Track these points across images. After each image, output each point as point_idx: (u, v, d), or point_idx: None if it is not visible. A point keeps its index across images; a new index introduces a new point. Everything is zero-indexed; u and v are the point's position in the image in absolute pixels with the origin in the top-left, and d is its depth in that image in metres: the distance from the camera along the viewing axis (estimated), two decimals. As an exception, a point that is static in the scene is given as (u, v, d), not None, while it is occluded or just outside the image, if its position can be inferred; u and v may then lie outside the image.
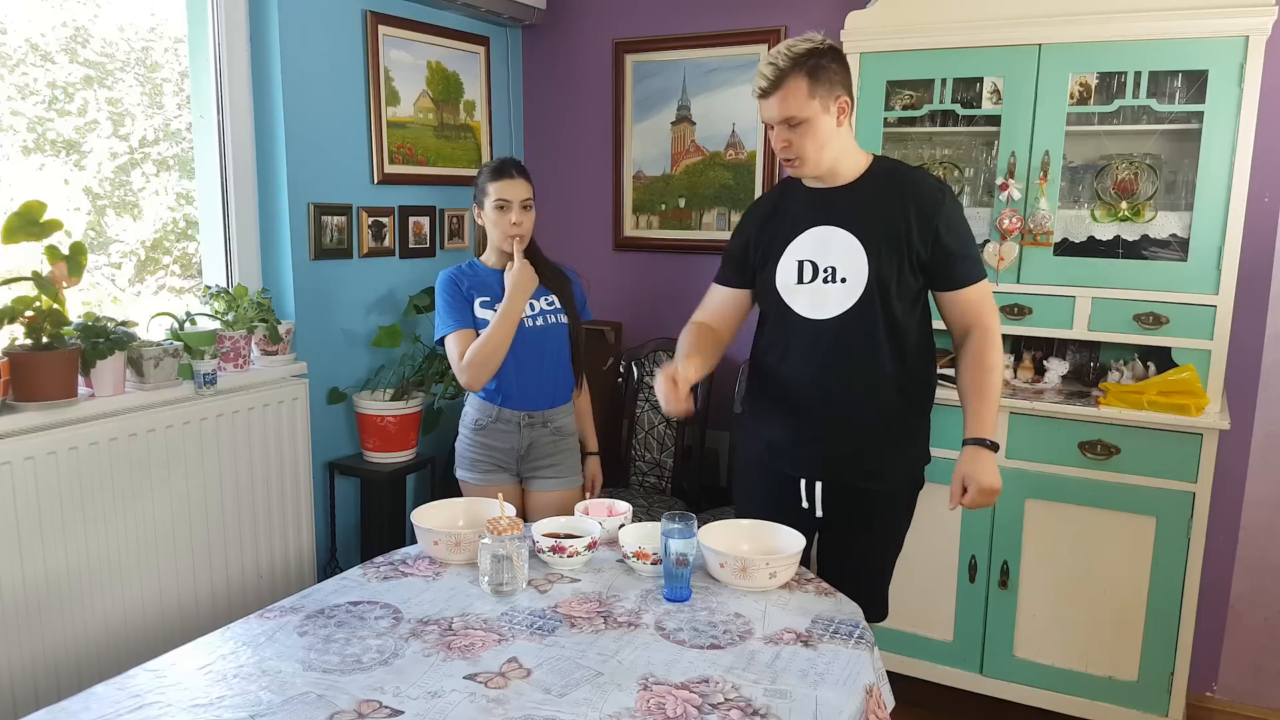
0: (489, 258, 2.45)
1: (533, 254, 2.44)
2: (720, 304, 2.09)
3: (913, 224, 1.85)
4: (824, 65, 1.82)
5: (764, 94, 1.84)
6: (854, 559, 2.05)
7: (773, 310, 1.99)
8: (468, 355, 2.31)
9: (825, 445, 1.97)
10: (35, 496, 2.10)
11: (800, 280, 1.92)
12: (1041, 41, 2.46)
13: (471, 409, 2.47)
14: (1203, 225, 2.36)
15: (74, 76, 2.50)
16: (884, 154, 2.72)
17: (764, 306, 2.03)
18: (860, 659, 1.52)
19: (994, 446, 1.86)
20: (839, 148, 1.88)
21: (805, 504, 1.98)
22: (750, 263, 2.03)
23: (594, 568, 1.86)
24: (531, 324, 2.38)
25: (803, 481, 1.99)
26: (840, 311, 1.89)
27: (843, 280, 1.88)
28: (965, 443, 1.87)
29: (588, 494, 2.50)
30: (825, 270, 1.90)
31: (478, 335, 2.34)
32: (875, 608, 2.02)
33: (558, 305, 2.43)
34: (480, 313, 2.37)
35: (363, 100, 3.02)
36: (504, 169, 2.36)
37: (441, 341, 2.40)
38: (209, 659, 1.48)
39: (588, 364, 2.56)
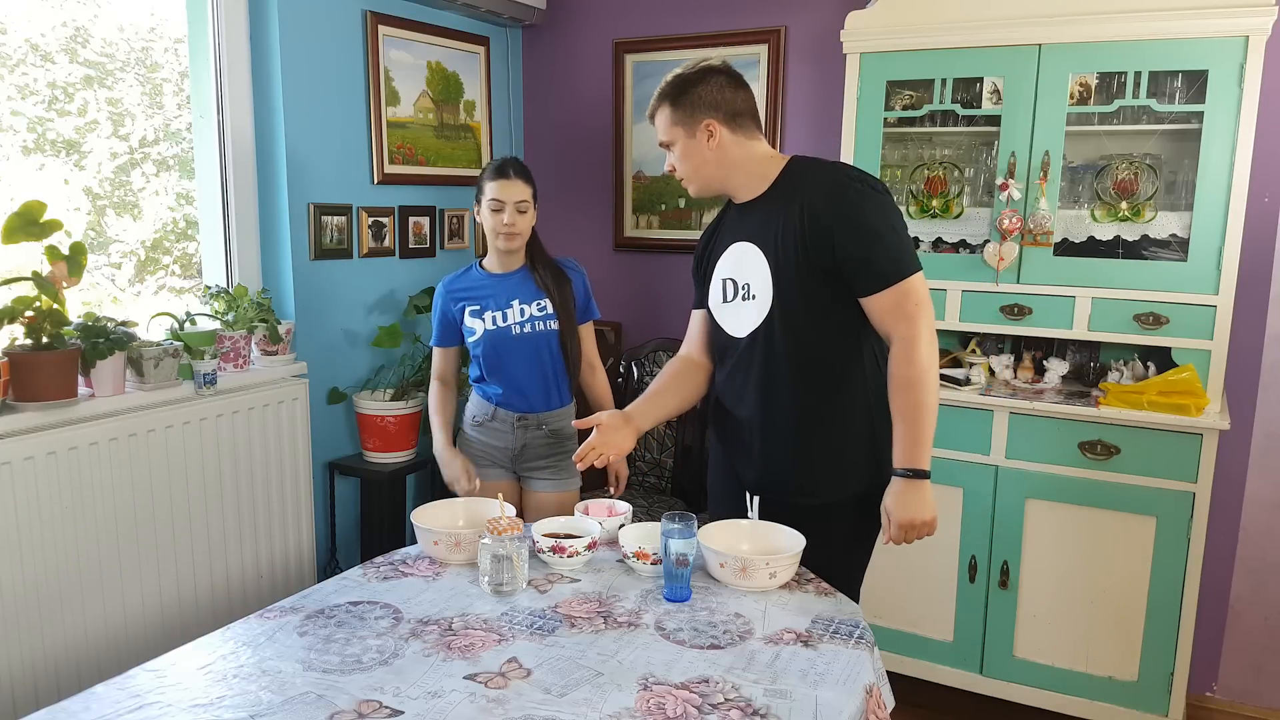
0: (490, 261, 2.48)
1: (535, 253, 2.46)
2: (699, 328, 2.07)
3: (806, 228, 1.75)
4: (690, 91, 1.83)
5: (651, 120, 1.93)
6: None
7: (712, 331, 2.00)
8: (430, 398, 2.54)
9: (756, 460, 1.93)
10: (35, 496, 2.10)
11: (725, 299, 1.92)
12: (1041, 41, 2.46)
13: (471, 405, 2.53)
14: (1203, 225, 2.36)
15: (74, 76, 2.50)
16: (887, 153, 2.75)
17: (710, 328, 2.03)
18: (860, 659, 1.52)
19: (922, 475, 1.72)
20: (728, 166, 1.86)
21: (749, 514, 1.90)
22: (701, 280, 2.03)
23: (594, 568, 1.86)
24: (519, 330, 2.41)
25: (746, 493, 1.92)
26: (753, 328, 1.86)
27: (754, 296, 1.85)
28: (891, 473, 1.76)
29: (612, 490, 2.45)
30: (743, 287, 1.88)
31: (464, 347, 2.51)
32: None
33: (549, 310, 2.43)
34: (469, 321, 2.45)
35: (363, 100, 3.02)
36: (502, 169, 2.37)
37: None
38: (209, 659, 1.48)
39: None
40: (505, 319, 2.42)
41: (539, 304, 2.43)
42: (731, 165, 1.87)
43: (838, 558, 1.91)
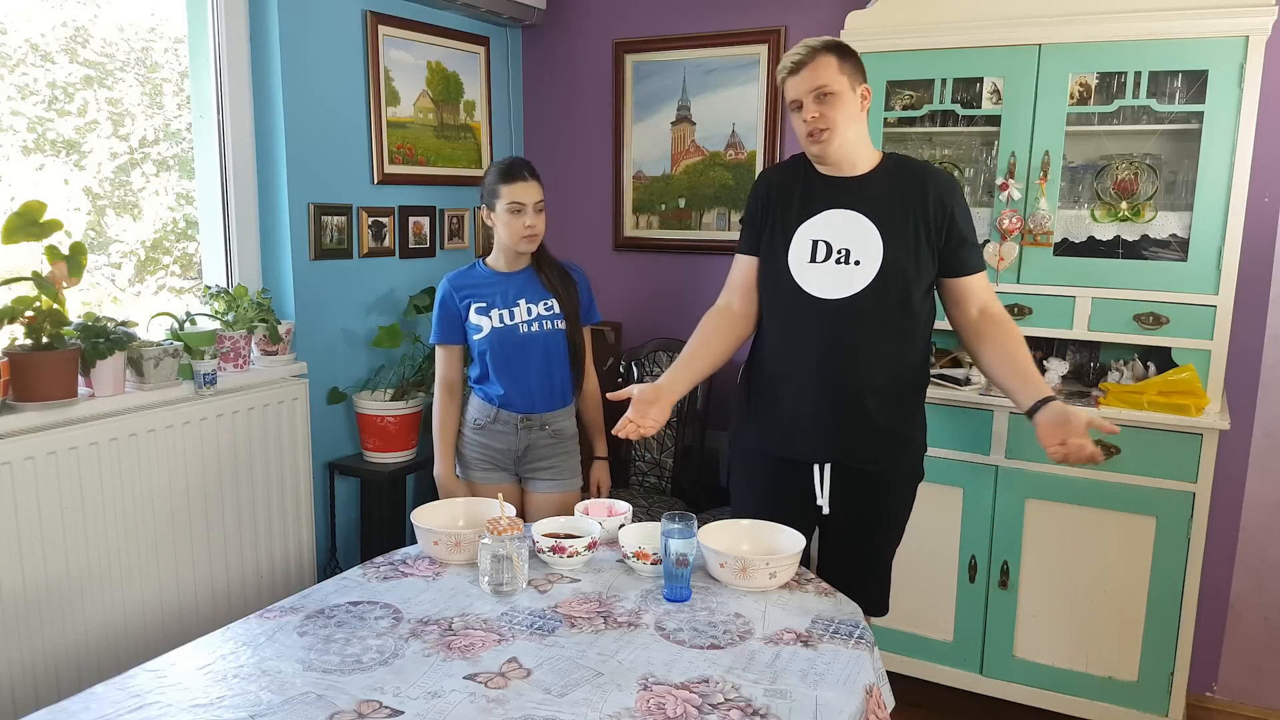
0: (495, 260, 2.47)
1: (540, 254, 2.46)
2: (743, 275, 2.08)
3: (930, 209, 1.92)
4: (850, 53, 1.92)
5: (794, 69, 1.90)
6: (859, 549, 2.05)
7: (780, 290, 1.99)
8: (434, 412, 2.51)
9: (834, 424, 1.97)
10: (35, 496, 2.10)
11: (814, 259, 1.95)
12: (1041, 41, 2.46)
13: (472, 408, 2.50)
14: (1203, 225, 2.36)
15: (74, 76, 2.50)
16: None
17: (769, 287, 2.02)
18: (860, 659, 1.52)
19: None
20: (860, 134, 1.96)
21: (817, 491, 2.00)
22: (763, 234, 2.03)
23: (594, 568, 1.86)
24: (526, 329, 2.40)
25: (815, 468, 2.00)
26: (853, 292, 1.92)
27: (856, 262, 1.92)
28: (1041, 404, 1.80)
29: (593, 497, 2.51)
30: (839, 251, 1.94)
31: (465, 347, 2.49)
32: (878, 602, 2.04)
33: (556, 310, 2.43)
34: (474, 318, 2.43)
35: (363, 100, 3.02)
36: (516, 171, 2.35)
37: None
38: (209, 659, 1.48)
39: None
40: (512, 317, 2.40)
41: (546, 304, 2.42)
42: (861, 134, 1.97)
43: (895, 535, 2.09)
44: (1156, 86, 2.46)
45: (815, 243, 1.95)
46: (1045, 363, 2.67)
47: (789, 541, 1.83)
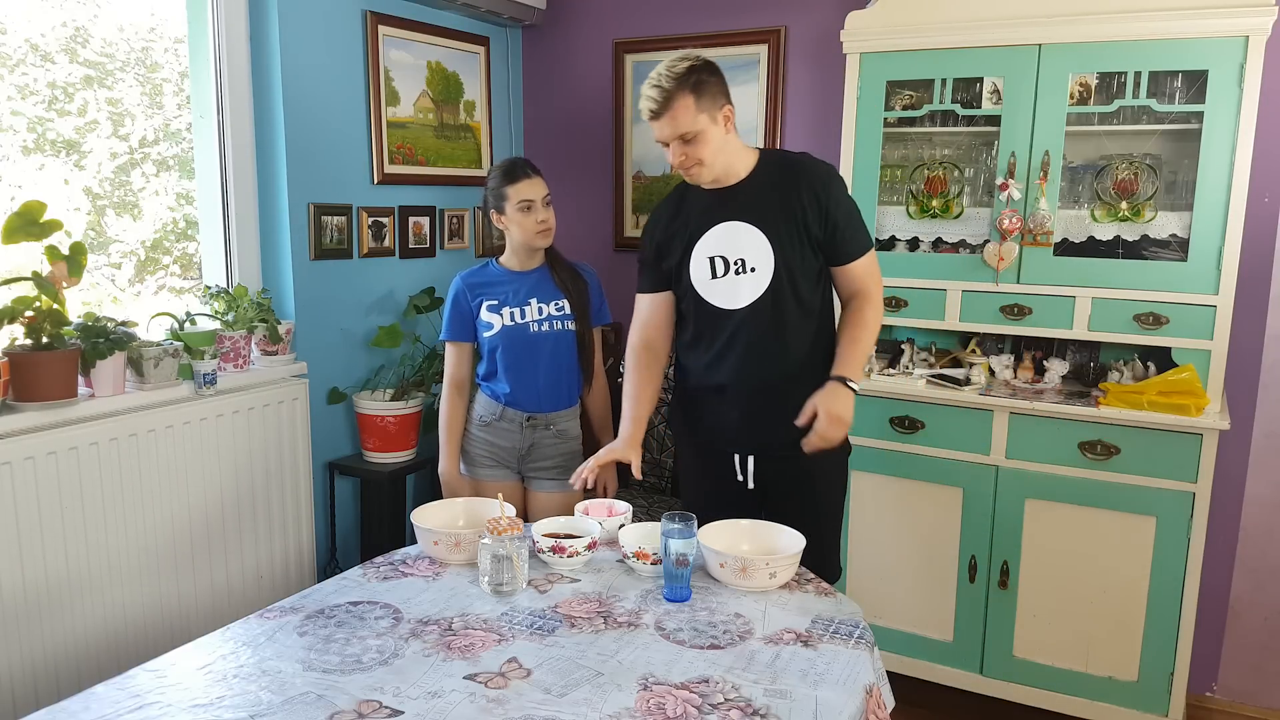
0: (509, 259, 2.48)
1: (552, 254, 2.48)
2: (651, 311, 2.20)
3: (805, 204, 1.99)
4: (705, 80, 1.95)
5: (654, 115, 1.97)
6: (794, 526, 2.02)
7: (691, 306, 2.11)
8: (441, 409, 2.50)
9: (753, 423, 2.08)
10: (35, 496, 2.10)
11: (714, 275, 2.06)
12: (1041, 41, 2.46)
13: (478, 405, 2.52)
14: (1203, 225, 2.36)
15: (74, 76, 2.50)
16: (887, 153, 2.75)
17: (683, 304, 2.15)
18: (860, 659, 1.52)
19: (852, 389, 1.97)
20: (730, 151, 2.02)
21: (740, 477, 2.11)
22: (663, 265, 2.14)
23: (594, 568, 1.86)
24: (537, 328, 2.42)
25: (736, 456, 2.11)
26: (754, 299, 2.02)
27: (752, 270, 2.02)
28: (829, 379, 1.97)
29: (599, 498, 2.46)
30: (735, 262, 2.03)
31: (475, 345, 2.50)
32: (826, 569, 2.08)
33: (567, 310, 2.44)
34: (485, 315, 2.44)
35: (363, 100, 3.02)
36: (519, 169, 2.38)
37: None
38: (209, 659, 1.48)
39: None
40: (524, 315, 2.42)
41: (557, 304, 2.44)
42: (733, 150, 2.03)
43: (829, 510, 2.16)
44: (1156, 86, 2.46)
45: (712, 259, 2.05)
46: (1045, 363, 2.67)
47: (789, 541, 1.83)
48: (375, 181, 3.08)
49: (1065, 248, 2.60)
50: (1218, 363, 2.37)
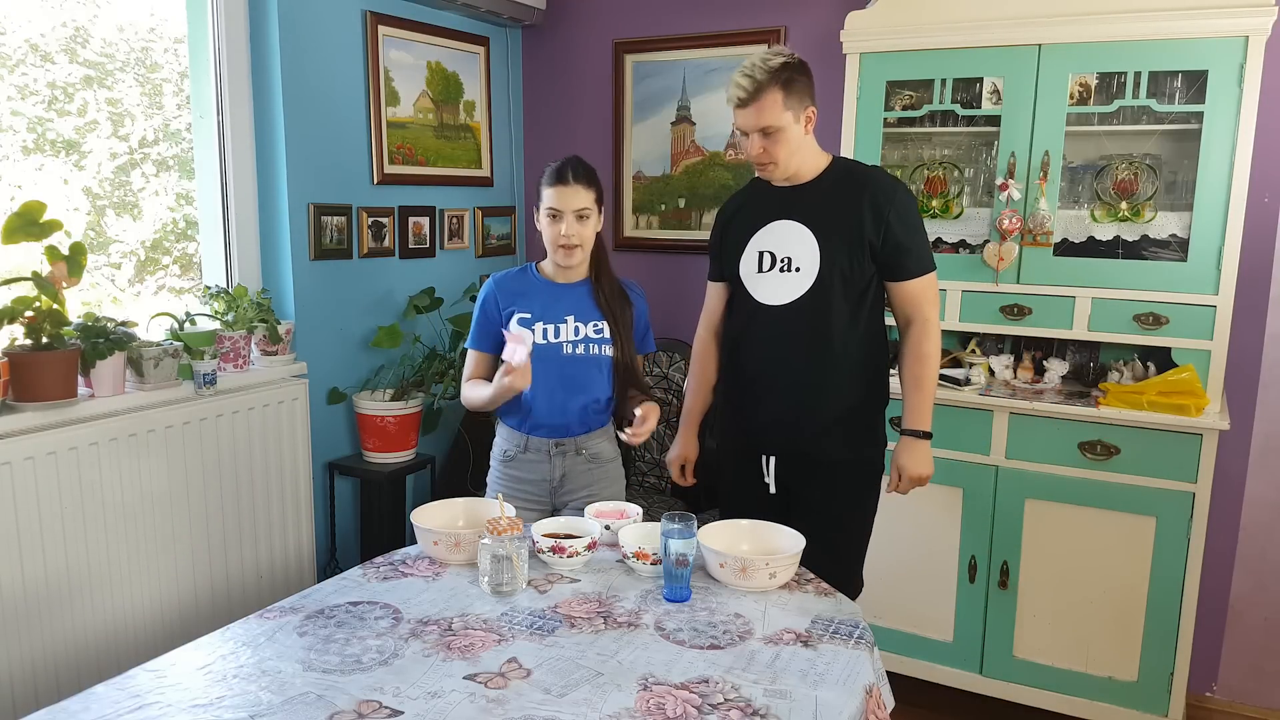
0: (548, 266, 2.22)
1: (600, 266, 2.22)
2: (717, 300, 2.28)
3: (865, 215, 2.01)
4: (796, 79, 1.98)
5: (742, 104, 1.99)
6: (815, 537, 1.99)
7: (739, 298, 2.15)
8: (465, 390, 2.23)
9: (781, 420, 2.11)
10: (35, 496, 2.10)
11: (760, 269, 2.10)
12: (1041, 42, 2.46)
13: (500, 439, 2.26)
14: (1203, 225, 2.36)
15: (74, 77, 2.50)
16: (887, 153, 2.75)
17: (733, 299, 2.19)
18: (860, 659, 1.52)
19: (927, 436, 2.07)
20: (805, 151, 2.06)
21: (766, 478, 2.14)
22: (723, 256, 2.20)
23: (594, 568, 1.86)
24: (571, 351, 2.14)
25: (762, 457, 2.14)
26: (794, 298, 2.05)
27: (797, 269, 2.05)
28: (901, 433, 2.09)
29: (628, 433, 2.13)
30: (782, 260, 2.07)
31: (498, 357, 2.18)
32: (847, 587, 2.02)
33: (605, 334, 2.15)
34: (515, 329, 2.14)
35: (363, 100, 3.02)
36: (560, 174, 2.13)
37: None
38: (209, 659, 1.48)
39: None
40: (558, 334, 2.14)
41: (596, 326, 2.15)
42: (808, 151, 2.07)
43: (853, 525, 2.16)
44: (1156, 86, 2.46)
45: (761, 254, 2.10)
46: (1045, 363, 2.67)
47: (789, 541, 1.83)
48: (375, 182, 3.08)
49: (1065, 248, 2.60)
50: (1218, 363, 2.38)
